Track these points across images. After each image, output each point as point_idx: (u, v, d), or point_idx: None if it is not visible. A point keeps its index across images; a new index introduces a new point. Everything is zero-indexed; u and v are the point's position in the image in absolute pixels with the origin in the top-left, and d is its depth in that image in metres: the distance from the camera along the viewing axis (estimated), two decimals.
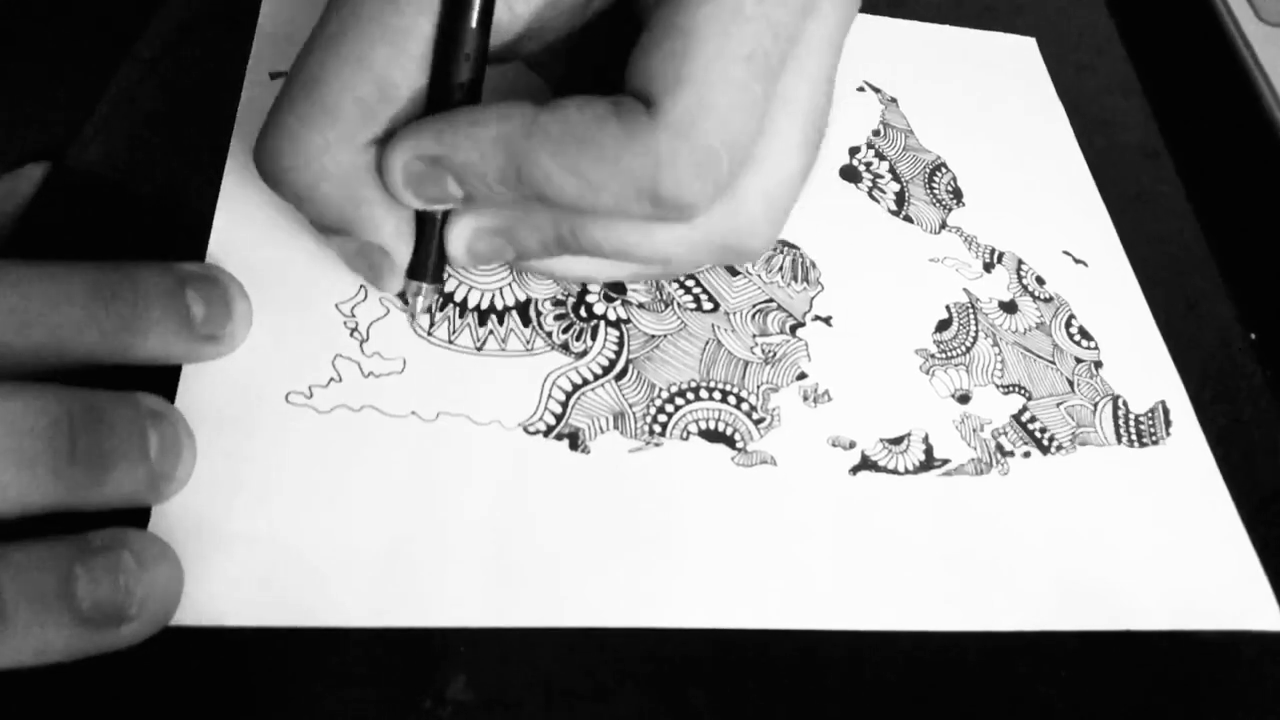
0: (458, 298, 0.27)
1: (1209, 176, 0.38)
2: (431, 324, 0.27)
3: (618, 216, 0.23)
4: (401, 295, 0.26)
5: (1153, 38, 0.43)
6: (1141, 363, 0.32)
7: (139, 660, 0.21)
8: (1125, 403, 0.30)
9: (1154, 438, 0.30)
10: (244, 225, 0.27)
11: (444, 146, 0.22)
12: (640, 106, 0.21)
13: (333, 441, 0.24)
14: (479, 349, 0.27)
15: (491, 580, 0.23)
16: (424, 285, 0.25)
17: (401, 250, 0.24)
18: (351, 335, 0.26)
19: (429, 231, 0.25)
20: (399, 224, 0.24)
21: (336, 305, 0.26)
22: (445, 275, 0.26)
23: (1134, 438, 0.30)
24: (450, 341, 0.27)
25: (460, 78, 0.23)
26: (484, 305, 0.27)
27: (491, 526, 0.24)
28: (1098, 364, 0.31)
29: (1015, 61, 0.40)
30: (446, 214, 0.24)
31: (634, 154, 0.21)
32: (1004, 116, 0.37)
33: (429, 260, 0.25)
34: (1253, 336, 0.34)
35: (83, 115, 0.29)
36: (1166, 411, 0.31)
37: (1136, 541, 0.28)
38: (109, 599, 0.20)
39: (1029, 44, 0.40)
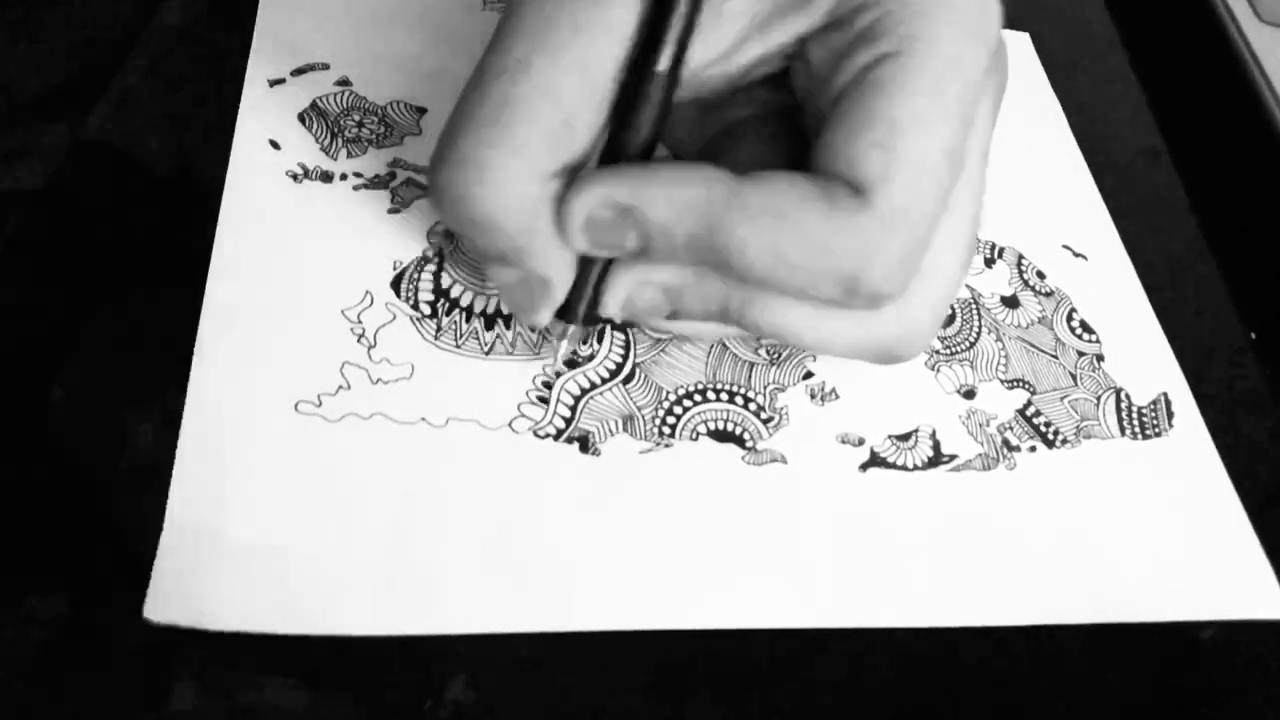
0: (464, 302, 0.27)
1: (1209, 176, 0.38)
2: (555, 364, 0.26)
3: (804, 297, 0.22)
4: (541, 332, 0.26)
5: (1153, 38, 0.43)
6: (1142, 355, 0.32)
7: (143, 657, 0.21)
8: (1127, 395, 0.31)
9: (1156, 429, 0.30)
10: (247, 234, 0.27)
11: (639, 199, 0.21)
12: (850, 191, 0.21)
13: (343, 450, 0.24)
14: (486, 353, 0.27)
15: (506, 586, 0.23)
16: (569, 327, 0.25)
17: (565, 284, 0.24)
18: (359, 341, 0.26)
19: (587, 273, 0.24)
20: (568, 259, 0.23)
21: (342, 311, 0.26)
22: (596, 322, 0.26)
23: (1137, 430, 0.30)
24: (458, 346, 0.27)
25: (642, 127, 0.22)
26: (489, 310, 0.27)
27: (505, 532, 0.24)
28: (1100, 357, 0.31)
29: (1009, 56, 0.40)
30: (610, 259, 0.24)
31: (844, 240, 0.21)
32: (1003, 111, 0.37)
33: (581, 302, 0.24)
34: (1253, 336, 0.34)
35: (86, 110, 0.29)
36: (1168, 403, 0.31)
37: (1142, 534, 0.28)
38: None
39: (1023, 39, 0.41)
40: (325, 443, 0.24)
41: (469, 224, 0.23)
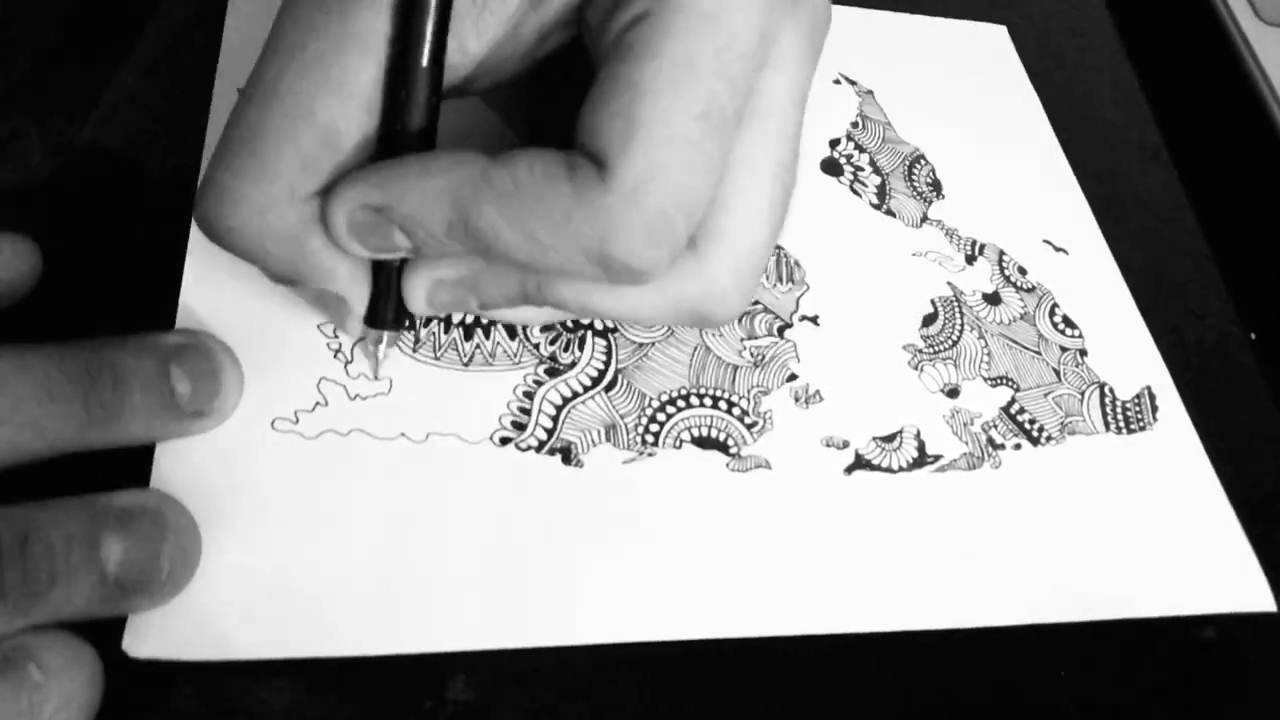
0: (375, 376, 0.26)
1: (1209, 176, 0.38)
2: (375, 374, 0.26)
3: (568, 277, 0.22)
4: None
5: (1153, 38, 0.43)
6: (1126, 349, 0.32)
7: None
8: (1111, 390, 0.31)
9: (1141, 424, 0.30)
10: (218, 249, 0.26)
11: (389, 197, 0.21)
12: (591, 166, 0.20)
13: (322, 468, 0.24)
14: (466, 364, 0.26)
15: (490, 601, 0.23)
16: (383, 334, 0.24)
17: (359, 295, 0.23)
18: (335, 357, 0.26)
19: (386, 279, 0.23)
20: (353, 270, 0.23)
21: (319, 327, 0.26)
22: (407, 322, 0.25)
23: (1122, 424, 0.30)
24: (437, 358, 0.26)
25: (413, 125, 0.21)
26: (469, 320, 0.27)
27: (487, 547, 0.24)
28: (1083, 352, 0.31)
29: (987, 50, 0.40)
30: (404, 261, 0.23)
31: (583, 217, 0.20)
32: (978, 105, 0.37)
33: (388, 308, 0.23)
34: (1253, 336, 0.34)
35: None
36: (1153, 397, 0.31)
37: (1129, 528, 0.28)
38: (138, 555, 0.20)
39: (1000, 31, 0.40)
40: (303, 460, 0.24)
41: (240, 255, 0.22)
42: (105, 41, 0.31)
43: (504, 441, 0.25)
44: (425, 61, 0.21)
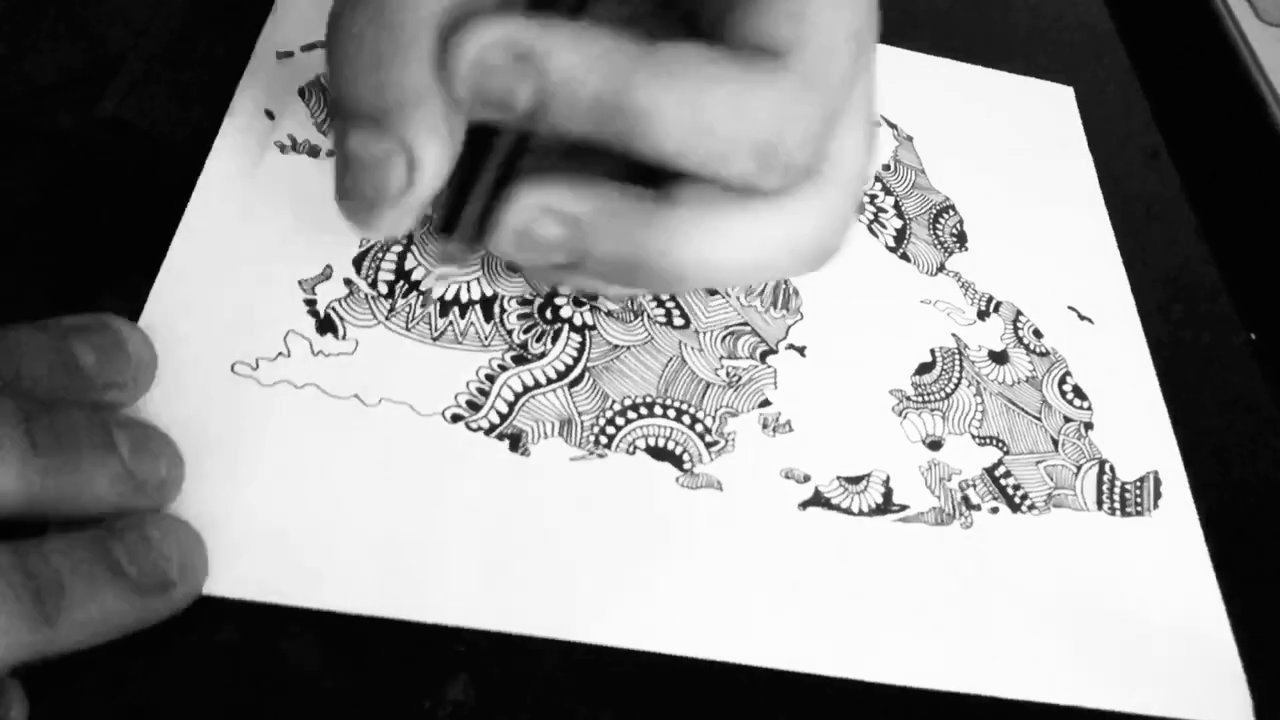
0: (424, 286, 0.27)
1: (1209, 176, 0.38)
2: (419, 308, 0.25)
3: (714, 175, 0.20)
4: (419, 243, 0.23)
5: (1153, 38, 0.42)
6: (1138, 429, 0.30)
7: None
8: (1113, 468, 0.29)
9: (1139, 508, 0.28)
10: (223, 197, 0.27)
11: (544, 44, 0.19)
12: (764, 54, 0.20)
13: (268, 415, 0.24)
14: (435, 339, 0.26)
15: (403, 572, 0.23)
16: (453, 249, 0.21)
17: (435, 165, 0.20)
18: (308, 313, 0.26)
19: (471, 179, 0.20)
20: (448, 140, 0.20)
21: (299, 282, 0.26)
22: (479, 250, 0.22)
23: (1116, 506, 0.28)
24: (407, 329, 0.26)
25: None
26: (448, 296, 0.27)
27: (415, 517, 0.23)
28: (1088, 425, 0.30)
29: (1048, 109, 0.38)
30: (507, 175, 0.20)
31: (761, 102, 0.20)
32: (1026, 164, 0.36)
33: (463, 216, 0.20)
34: (1253, 336, 0.33)
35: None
36: (1158, 483, 0.29)
37: (1106, 614, 0.26)
38: (152, 566, 0.20)
39: (1065, 92, 0.39)
40: (253, 405, 0.24)
41: (353, 53, 0.19)
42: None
43: (455, 419, 0.25)
44: None
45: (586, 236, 0.20)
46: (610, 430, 0.26)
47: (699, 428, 0.27)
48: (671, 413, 0.27)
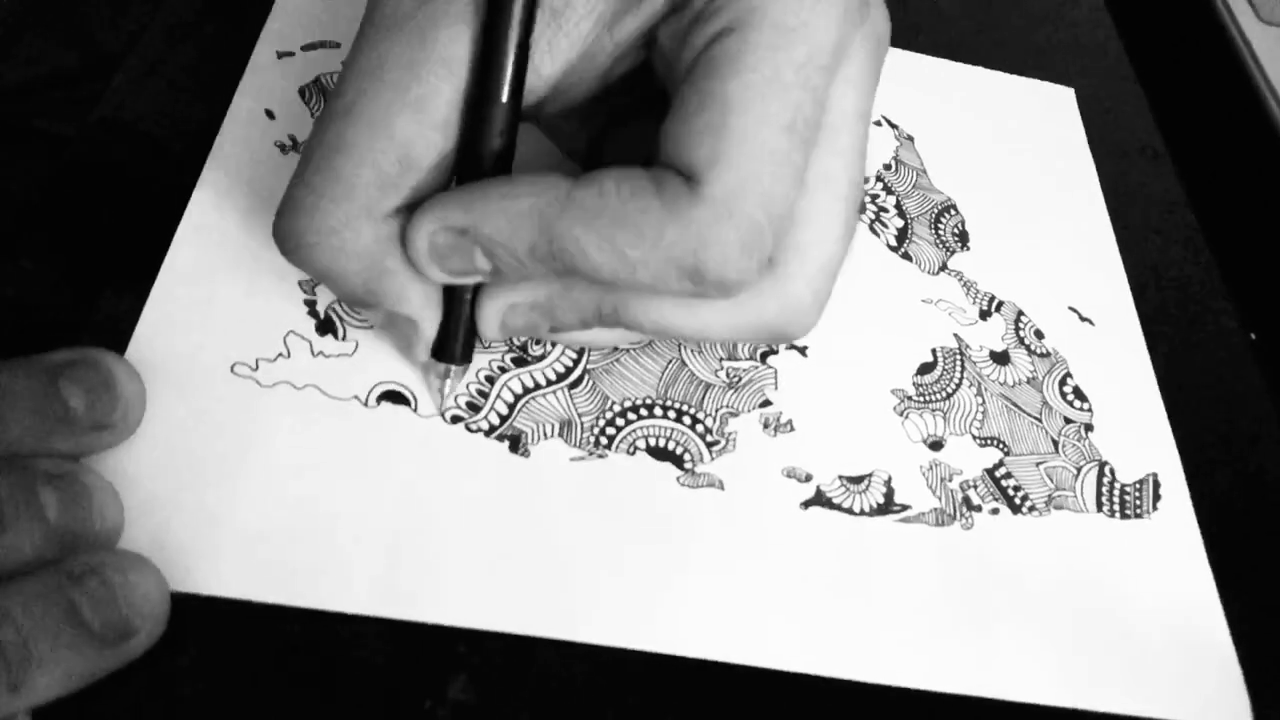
0: (445, 409, 0.26)
1: (1209, 176, 0.38)
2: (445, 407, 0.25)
3: (656, 293, 0.22)
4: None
5: (1153, 38, 0.42)
6: (1137, 431, 0.30)
7: None
8: (1112, 470, 0.29)
9: (1138, 511, 0.28)
10: (223, 196, 0.27)
11: (473, 218, 0.21)
12: (680, 181, 0.21)
13: (268, 416, 0.24)
14: None
15: (403, 571, 0.23)
16: (449, 368, 0.24)
17: (430, 320, 0.24)
18: (309, 314, 0.26)
19: (457, 308, 0.23)
20: (427, 294, 0.23)
21: (300, 283, 0.26)
22: (473, 357, 0.25)
23: (1116, 508, 0.28)
24: None
25: (491, 148, 0.22)
26: None
27: (416, 519, 0.23)
28: (1088, 427, 0.30)
29: (1049, 110, 0.38)
30: (478, 288, 0.23)
31: (676, 231, 0.20)
32: (1027, 165, 0.36)
33: (457, 339, 0.24)
34: (1253, 336, 0.33)
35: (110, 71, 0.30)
36: (1157, 485, 0.29)
37: (1104, 617, 0.26)
38: (114, 615, 0.20)
39: (1066, 94, 0.39)
40: (253, 406, 0.24)
41: (314, 273, 0.22)
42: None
43: (455, 420, 0.25)
44: (506, 85, 0.21)
45: (552, 313, 0.23)
46: (610, 431, 0.26)
47: (700, 428, 0.27)
48: (672, 413, 0.27)
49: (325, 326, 0.26)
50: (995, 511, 0.27)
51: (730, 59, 0.21)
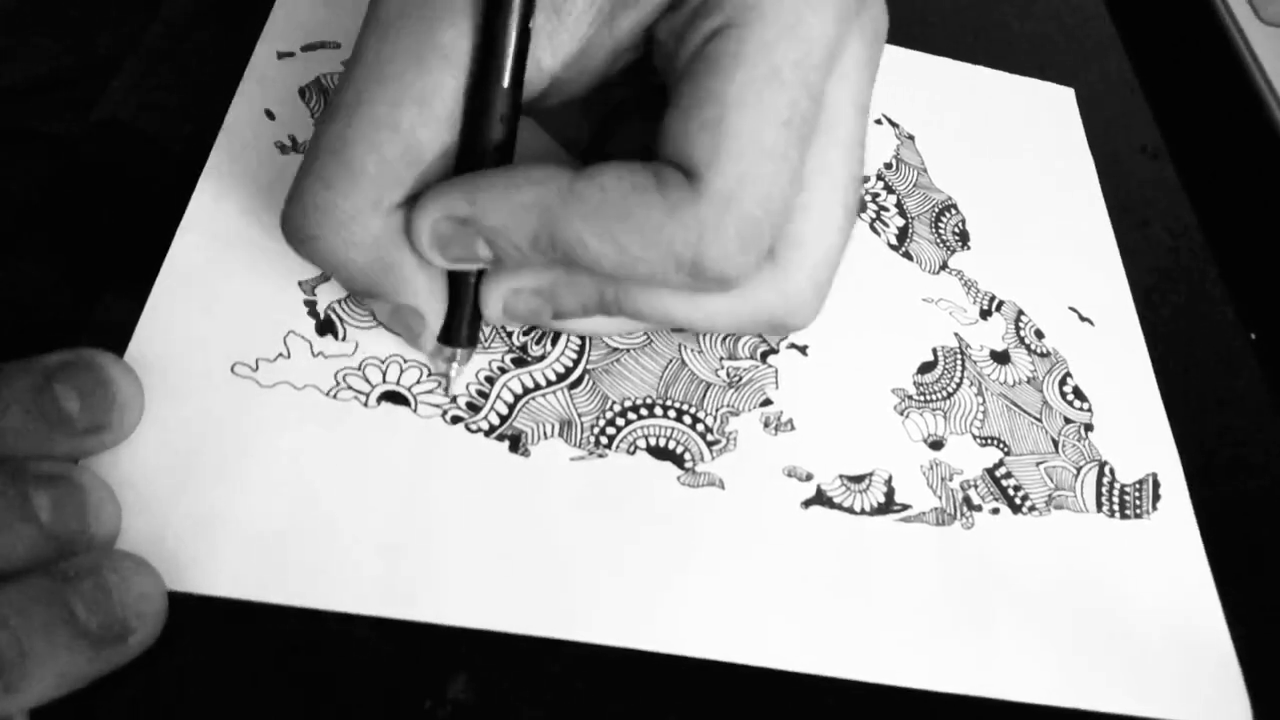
0: (452, 393, 0.26)
1: (1209, 176, 0.38)
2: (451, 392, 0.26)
3: (655, 285, 0.22)
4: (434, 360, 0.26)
5: (1153, 38, 0.42)
6: (1137, 431, 0.30)
7: None
8: (1112, 470, 0.29)
9: (1138, 511, 0.28)
10: (223, 197, 0.27)
11: (475, 208, 0.21)
12: (680, 176, 0.21)
13: (268, 416, 0.24)
14: None
15: (403, 570, 0.23)
16: (456, 351, 0.25)
17: (435, 311, 0.24)
18: (309, 314, 0.26)
19: (463, 293, 0.24)
20: (431, 285, 0.23)
21: (300, 283, 0.26)
22: (481, 339, 0.25)
23: (1116, 508, 0.28)
24: None
25: (493, 138, 0.22)
26: None
27: (414, 518, 0.23)
28: (1088, 427, 0.30)
29: (1049, 110, 0.38)
30: (481, 273, 0.24)
31: (676, 226, 0.21)
32: (1027, 165, 0.36)
33: (463, 323, 0.24)
34: (1253, 336, 0.33)
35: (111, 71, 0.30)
36: (1156, 485, 0.29)
37: (1104, 617, 0.26)
38: (110, 616, 0.20)
39: (1066, 94, 0.39)
40: (253, 406, 0.24)
41: (321, 265, 0.23)
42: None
43: (455, 420, 0.25)
44: (507, 75, 0.22)
45: (555, 299, 0.24)
46: (610, 430, 0.26)
47: (700, 427, 0.27)
48: (672, 413, 0.27)
49: (325, 327, 0.26)
50: (995, 511, 0.27)
51: (728, 56, 0.21)
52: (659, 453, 0.26)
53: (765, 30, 0.21)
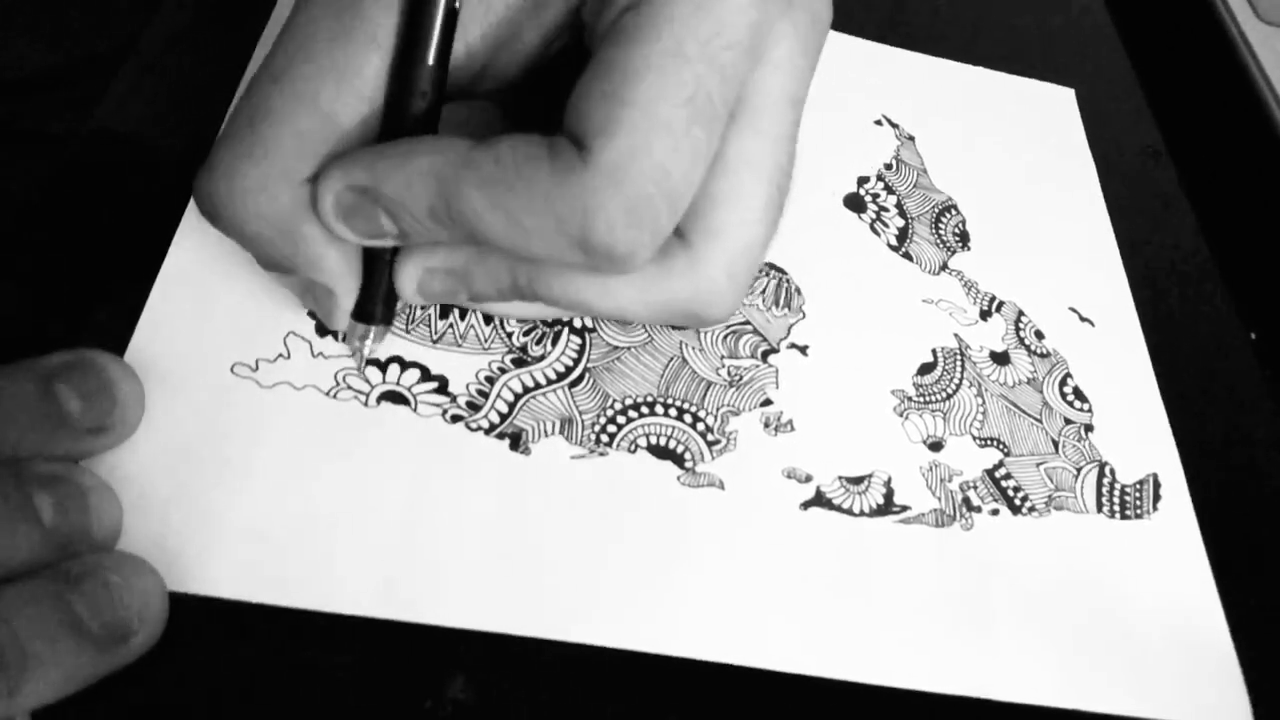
0: (361, 368, 0.26)
1: (1209, 176, 0.38)
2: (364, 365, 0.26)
3: (551, 263, 0.22)
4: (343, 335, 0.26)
5: (1153, 38, 0.43)
6: (1137, 432, 0.30)
7: None
8: (1113, 471, 0.29)
9: (1139, 511, 0.28)
10: None
11: (373, 177, 0.21)
12: (573, 149, 0.20)
13: (268, 417, 0.24)
14: (435, 342, 0.26)
15: (403, 571, 0.23)
16: (370, 328, 0.24)
17: (347, 288, 0.23)
18: (309, 315, 0.26)
19: (378, 271, 0.24)
20: (342, 261, 0.23)
21: None
22: (394, 318, 0.25)
23: (1116, 509, 0.28)
24: (407, 331, 0.26)
25: (414, 120, 0.22)
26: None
27: (416, 519, 0.23)
28: (1088, 427, 0.30)
29: (1050, 111, 0.38)
30: (396, 252, 0.24)
31: (561, 197, 0.20)
32: (1028, 166, 0.36)
33: (376, 301, 0.24)
34: (1253, 336, 0.33)
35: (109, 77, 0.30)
36: (1157, 485, 0.29)
37: (1104, 617, 0.26)
38: (112, 617, 0.20)
39: (1066, 94, 0.39)
40: (253, 407, 0.24)
41: (230, 233, 0.22)
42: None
43: (455, 419, 0.25)
44: (431, 57, 0.22)
45: (468, 281, 0.23)
46: (611, 429, 0.26)
47: (700, 426, 0.27)
48: (673, 412, 0.27)
49: (325, 327, 0.26)
50: (995, 512, 0.27)
51: (634, 29, 0.21)
52: (659, 451, 0.26)
53: (672, 6, 0.21)
